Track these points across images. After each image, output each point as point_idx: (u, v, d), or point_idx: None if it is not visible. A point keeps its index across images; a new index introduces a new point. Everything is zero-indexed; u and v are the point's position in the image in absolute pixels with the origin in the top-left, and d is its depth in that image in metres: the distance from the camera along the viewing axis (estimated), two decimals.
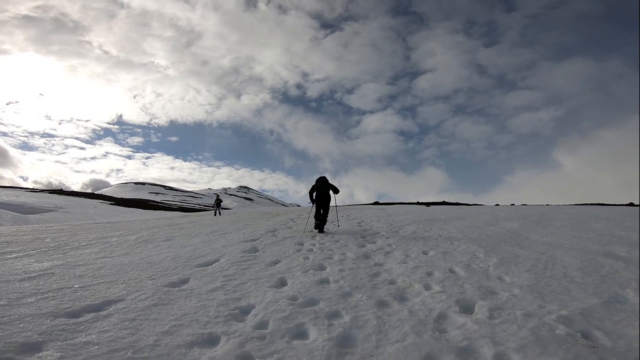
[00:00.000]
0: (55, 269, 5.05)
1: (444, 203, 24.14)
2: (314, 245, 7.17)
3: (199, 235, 8.67)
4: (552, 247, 6.51)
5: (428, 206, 21.40)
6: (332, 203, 9.34)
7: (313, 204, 9.25)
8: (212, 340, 2.90)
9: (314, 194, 9.19)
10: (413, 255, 6.11)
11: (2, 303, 3.39)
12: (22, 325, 2.88)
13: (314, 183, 9.27)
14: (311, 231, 9.12)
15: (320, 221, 8.95)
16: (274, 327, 3.13)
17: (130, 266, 5.26)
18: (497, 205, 21.76)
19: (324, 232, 8.91)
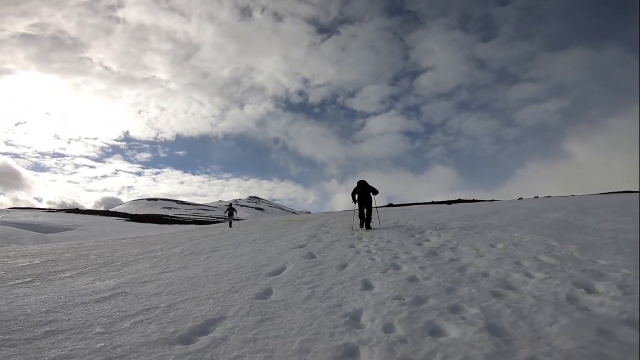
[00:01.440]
0: (123, 287, 4.58)
1: (459, 201, 23.43)
2: (367, 246, 6.72)
3: (243, 245, 8.19)
4: (619, 232, 6.12)
5: (449, 204, 20.90)
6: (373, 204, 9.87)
7: (356, 205, 9.73)
8: (353, 352, 2.54)
9: (356, 196, 9.68)
10: (483, 249, 5.70)
11: (99, 330, 2.93)
12: (142, 358, 2.40)
13: (355, 186, 9.91)
14: (355, 229, 9.31)
15: (366, 219, 9.42)
16: (406, 329, 2.82)
17: (199, 280, 4.80)
18: (520, 198, 21.17)
19: (370, 228, 9.28)
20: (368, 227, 9.37)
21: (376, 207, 10.18)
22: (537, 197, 20.82)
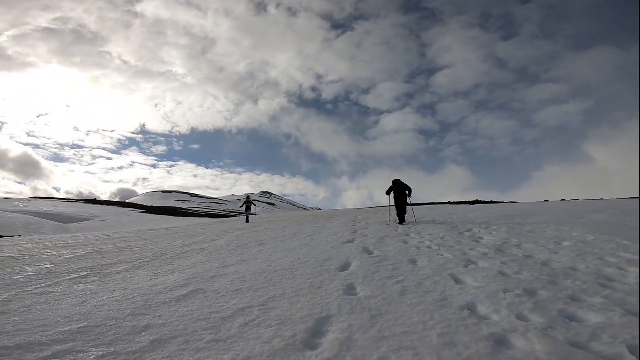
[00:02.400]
0: (194, 283, 4.29)
1: (477, 202, 22.79)
2: (422, 242, 6.44)
3: (288, 239, 7.89)
4: None
5: (473, 204, 20.47)
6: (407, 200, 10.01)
7: (391, 202, 10.08)
8: (503, 341, 2.36)
9: (392, 193, 9.98)
10: (551, 246, 5.46)
11: (209, 337, 2.58)
12: None
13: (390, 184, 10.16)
14: (395, 227, 8.98)
15: (401, 215, 9.73)
16: (544, 317, 2.71)
17: (270, 275, 4.53)
18: (546, 201, 20.55)
19: (405, 222, 9.63)
20: (402, 222, 9.62)
21: (412, 205, 10.23)
22: (564, 199, 20.19)
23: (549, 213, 9.86)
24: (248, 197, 17.43)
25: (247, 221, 15.93)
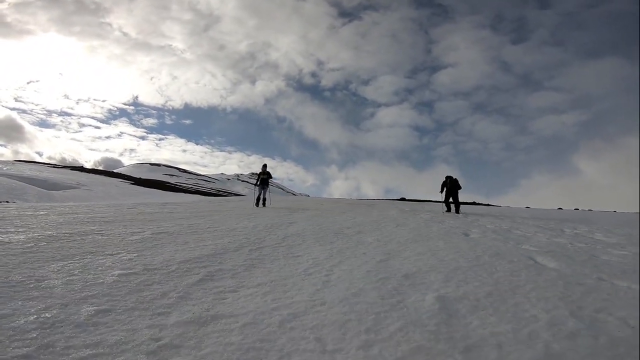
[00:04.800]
0: (410, 288, 3.01)
1: (474, 203, 22.70)
2: (543, 240, 5.66)
3: (380, 228, 6.80)
4: None
5: (487, 207, 20.41)
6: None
7: (443, 195, 10.85)
8: None
9: (445, 188, 10.67)
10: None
11: None
12: None
13: (444, 179, 10.83)
14: (445, 213, 10.39)
15: (455, 206, 10.64)
16: None
17: (468, 272, 3.51)
18: (560, 208, 20.70)
19: (459, 213, 10.38)
20: (457, 212, 10.46)
21: (459, 202, 10.91)
22: (577, 209, 20.62)
23: (602, 220, 9.73)
24: (265, 166, 11.58)
25: (258, 203, 11.31)
